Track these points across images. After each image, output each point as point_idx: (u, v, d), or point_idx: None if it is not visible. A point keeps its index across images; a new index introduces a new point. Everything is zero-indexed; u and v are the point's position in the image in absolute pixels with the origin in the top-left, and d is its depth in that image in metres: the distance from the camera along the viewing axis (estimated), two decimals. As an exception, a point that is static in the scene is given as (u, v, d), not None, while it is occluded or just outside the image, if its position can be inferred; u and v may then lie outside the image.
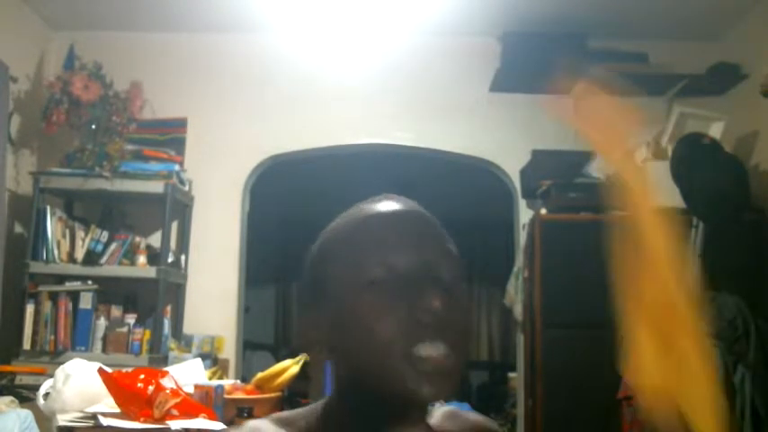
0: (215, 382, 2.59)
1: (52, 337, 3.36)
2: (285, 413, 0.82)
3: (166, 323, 3.56)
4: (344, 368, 0.78)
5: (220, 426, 2.24)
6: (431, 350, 0.71)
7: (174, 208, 3.63)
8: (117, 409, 2.26)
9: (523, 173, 3.85)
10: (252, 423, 0.80)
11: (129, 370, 2.33)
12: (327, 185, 5.43)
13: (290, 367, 2.67)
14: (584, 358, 3.17)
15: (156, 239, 3.63)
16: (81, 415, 2.27)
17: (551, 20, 3.64)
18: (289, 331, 6.18)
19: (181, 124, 3.90)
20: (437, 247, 0.76)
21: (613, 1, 3.58)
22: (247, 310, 4.14)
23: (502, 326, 7.10)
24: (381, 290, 0.72)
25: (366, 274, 0.73)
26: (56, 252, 3.42)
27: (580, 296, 3.25)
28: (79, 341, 3.41)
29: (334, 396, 0.80)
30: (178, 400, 2.24)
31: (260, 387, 2.64)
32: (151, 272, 3.46)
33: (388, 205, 0.79)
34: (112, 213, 3.69)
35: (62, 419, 2.22)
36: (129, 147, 3.61)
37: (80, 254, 3.46)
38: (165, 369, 2.51)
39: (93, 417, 2.22)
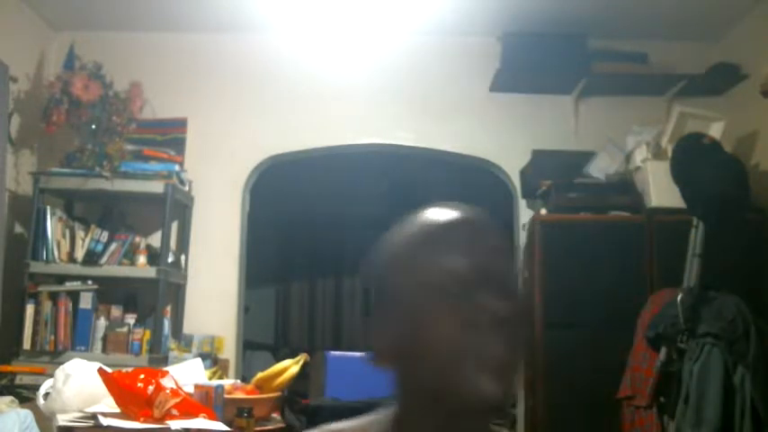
0: (215, 382, 2.59)
1: (52, 337, 3.36)
2: (336, 425, 0.83)
3: (166, 323, 3.56)
4: (410, 379, 0.78)
5: (220, 426, 2.24)
6: (491, 349, 0.72)
7: (174, 208, 3.63)
8: (117, 409, 2.26)
9: (523, 173, 3.85)
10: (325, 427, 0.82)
11: (129, 370, 2.33)
12: (327, 185, 5.43)
13: (290, 367, 2.68)
14: (584, 358, 3.17)
15: (156, 239, 3.63)
16: (81, 415, 2.27)
17: (551, 20, 3.64)
18: (289, 331, 6.18)
19: (181, 124, 3.90)
20: (498, 251, 0.77)
21: (613, 1, 3.58)
22: (247, 310, 4.13)
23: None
24: (447, 294, 0.74)
25: (429, 277, 0.75)
26: (56, 252, 3.42)
27: (580, 296, 3.25)
28: (79, 341, 3.41)
29: (400, 410, 0.80)
30: (178, 400, 2.24)
31: (260, 387, 2.64)
32: (151, 272, 3.46)
33: (442, 212, 0.80)
34: (112, 213, 3.69)
35: (62, 419, 2.22)
36: (129, 147, 3.61)
37: (80, 254, 3.46)
38: (165, 369, 2.52)
39: (93, 417, 2.22)
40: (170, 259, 3.59)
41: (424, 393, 0.76)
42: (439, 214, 0.80)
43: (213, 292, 3.81)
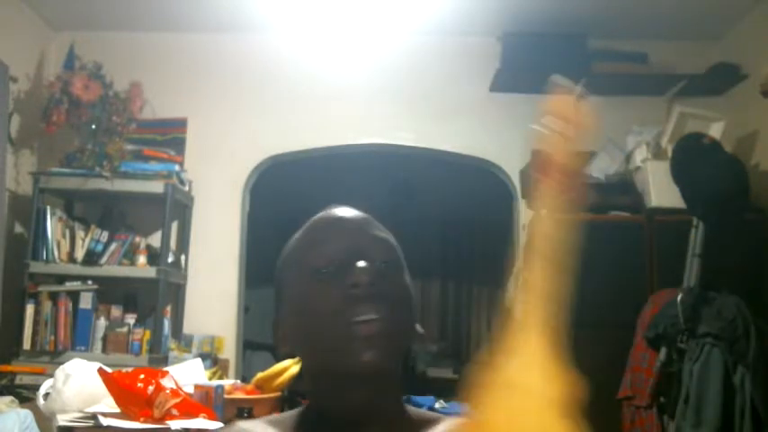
0: (215, 382, 2.59)
1: (52, 337, 3.36)
2: (276, 414, 0.91)
3: (166, 323, 3.56)
4: (305, 361, 0.87)
5: (220, 426, 2.24)
6: (365, 318, 0.79)
7: (174, 208, 3.63)
8: (117, 409, 2.26)
9: (523, 173, 3.85)
10: (241, 423, 0.90)
11: (129, 370, 2.33)
12: (327, 185, 5.42)
13: (290, 367, 2.67)
14: (584, 358, 3.16)
15: (156, 239, 3.63)
16: (81, 415, 2.27)
17: (551, 20, 3.64)
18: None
19: (181, 124, 3.90)
20: (366, 236, 0.86)
21: (613, 1, 3.58)
22: (247, 310, 4.13)
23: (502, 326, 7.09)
24: (320, 277, 0.83)
25: (306, 266, 0.84)
26: (56, 252, 3.42)
27: (579, 296, 3.24)
28: (79, 341, 3.41)
29: (308, 393, 0.89)
30: (178, 400, 2.24)
31: (260, 387, 2.64)
32: (151, 272, 3.46)
33: (326, 212, 0.91)
34: (112, 213, 3.69)
35: (62, 419, 2.22)
36: (129, 147, 3.61)
37: (80, 254, 3.46)
38: (165, 369, 2.51)
39: (93, 417, 2.22)
40: (170, 259, 3.59)
41: (321, 369, 0.84)
42: (318, 217, 0.91)
43: (213, 292, 3.81)
